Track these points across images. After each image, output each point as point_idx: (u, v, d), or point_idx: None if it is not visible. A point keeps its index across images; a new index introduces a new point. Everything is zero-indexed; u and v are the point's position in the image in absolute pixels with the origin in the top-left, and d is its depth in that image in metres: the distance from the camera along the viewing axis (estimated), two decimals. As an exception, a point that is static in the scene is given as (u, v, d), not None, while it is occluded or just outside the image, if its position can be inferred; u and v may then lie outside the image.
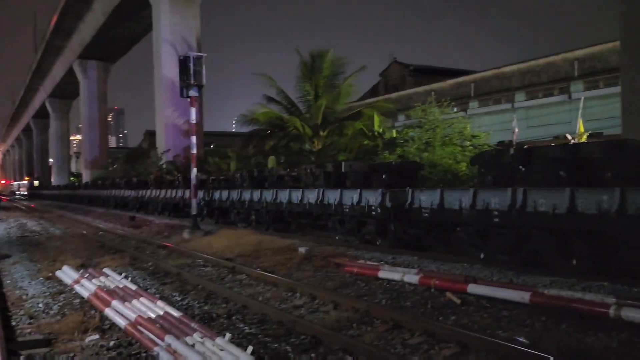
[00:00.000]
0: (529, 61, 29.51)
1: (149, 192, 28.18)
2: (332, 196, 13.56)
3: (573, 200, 8.05)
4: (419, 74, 42.46)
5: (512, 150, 10.19)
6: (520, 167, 9.57)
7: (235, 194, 18.75)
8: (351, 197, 12.87)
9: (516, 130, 16.92)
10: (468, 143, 17.62)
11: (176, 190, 24.14)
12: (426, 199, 10.78)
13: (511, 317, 6.06)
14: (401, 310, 6.62)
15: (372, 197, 12.14)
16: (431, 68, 44.57)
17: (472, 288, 7.06)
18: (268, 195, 16.61)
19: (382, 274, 8.52)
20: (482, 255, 9.74)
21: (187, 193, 22.33)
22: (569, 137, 16.13)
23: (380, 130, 20.79)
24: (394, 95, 37.49)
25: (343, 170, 14.17)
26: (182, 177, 25.16)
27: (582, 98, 20.45)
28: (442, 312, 6.47)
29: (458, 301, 6.78)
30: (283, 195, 15.84)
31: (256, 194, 17.28)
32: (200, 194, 19.69)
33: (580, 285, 7.25)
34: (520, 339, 5.23)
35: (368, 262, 9.79)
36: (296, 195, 15.19)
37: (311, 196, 14.48)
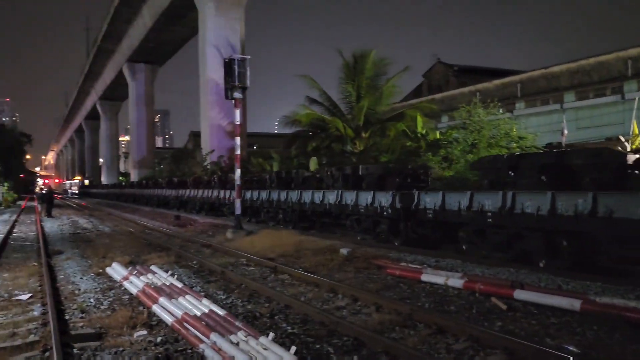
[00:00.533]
0: (578, 60, 28.46)
1: (187, 191, 29.00)
2: (349, 197, 14.49)
3: (554, 203, 8.87)
4: (463, 74, 41.63)
5: (505, 156, 10.99)
6: (510, 172, 10.37)
7: (264, 194, 19.77)
8: (366, 198, 13.76)
9: (565, 131, 16.37)
10: (515, 145, 17.12)
11: (212, 190, 24.86)
12: (430, 200, 11.70)
13: (560, 324, 5.88)
14: (445, 314, 6.52)
15: (384, 199, 13.09)
16: (475, 68, 43.60)
17: (519, 294, 6.89)
18: (294, 195, 17.54)
19: (425, 277, 8.44)
20: (465, 247, 10.77)
21: (222, 193, 23.26)
22: (622, 138, 15.46)
23: (424, 131, 20.48)
24: (437, 96, 36.92)
25: (360, 173, 14.99)
26: (217, 177, 25.74)
27: (637, 98, 19.60)
28: (488, 317, 6.34)
29: (504, 307, 6.62)
30: (307, 196, 16.77)
31: (283, 194, 18.19)
32: (233, 194, 20.15)
33: (635, 293, 6.96)
34: (570, 348, 5.06)
35: (410, 265, 9.70)
36: (318, 196, 16.12)
37: (331, 197, 15.39)
